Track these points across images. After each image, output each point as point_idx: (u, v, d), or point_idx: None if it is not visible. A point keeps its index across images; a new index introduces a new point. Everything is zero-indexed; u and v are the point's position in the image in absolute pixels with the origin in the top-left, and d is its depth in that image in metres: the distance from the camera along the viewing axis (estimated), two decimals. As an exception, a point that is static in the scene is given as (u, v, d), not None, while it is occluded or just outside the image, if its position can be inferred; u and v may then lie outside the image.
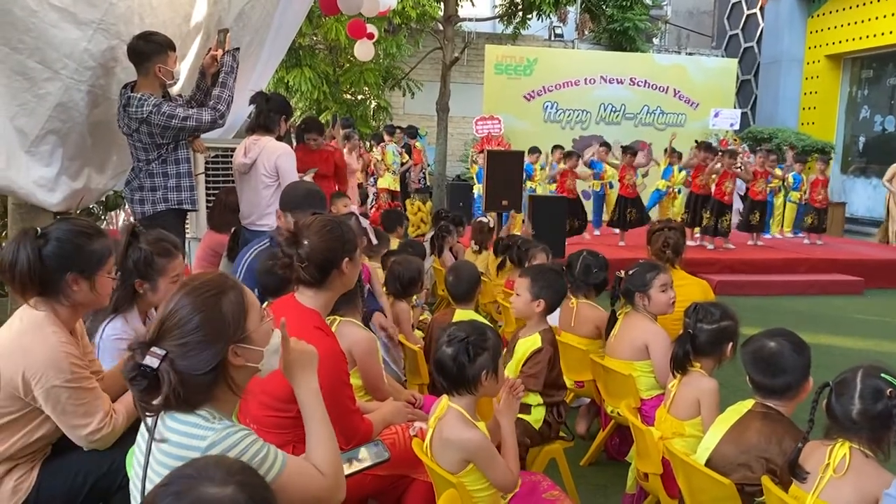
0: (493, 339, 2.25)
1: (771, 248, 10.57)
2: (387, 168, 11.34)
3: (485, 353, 2.20)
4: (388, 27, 13.10)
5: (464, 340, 2.20)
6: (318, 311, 2.28)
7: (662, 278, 3.41)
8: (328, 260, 2.26)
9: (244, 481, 1.16)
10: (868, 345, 6.48)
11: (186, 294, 1.57)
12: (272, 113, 4.55)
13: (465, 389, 2.22)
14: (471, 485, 2.18)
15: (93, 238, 2.22)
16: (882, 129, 14.84)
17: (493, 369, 2.22)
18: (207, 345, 1.52)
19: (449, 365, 2.21)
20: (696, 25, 21.10)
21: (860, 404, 1.95)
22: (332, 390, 2.19)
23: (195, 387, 1.51)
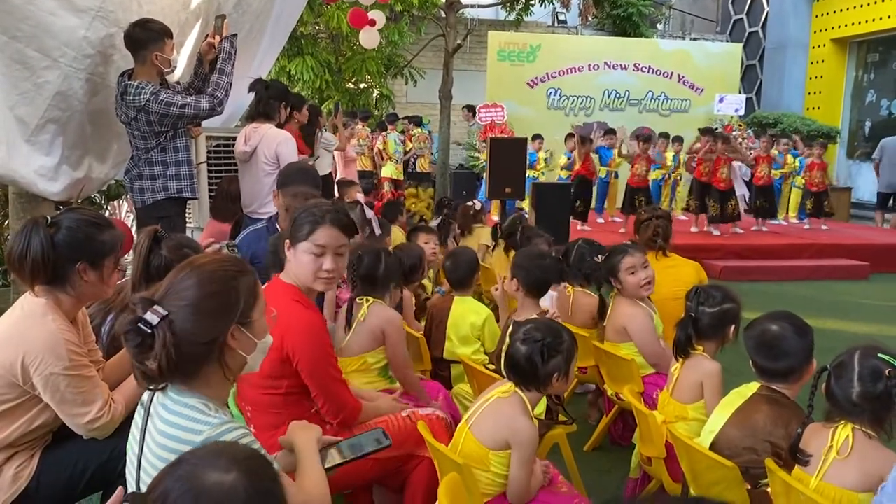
0: (567, 342, 2.27)
1: (776, 233, 10.52)
2: (389, 157, 11.31)
3: (559, 356, 2.23)
4: (391, 14, 13.03)
5: (539, 342, 2.22)
6: (296, 286, 2.33)
7: (628, 261, 3.44)
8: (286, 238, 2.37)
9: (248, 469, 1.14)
10: (874, 329, 6.45)
11: (207, 263, 1.60)
12: (272, 100, 4.53)
13: (535, 388, 2.25)
14: (493, 467, 2.19)
15: (103, 228, 2.23)
16: (889, 113, 14.73)
17: (565, 372, 2.25)
18: (214, 315, 1.53)
19: (522, 363, 2.23)
20: (700, 10, 20.94)
21: (860, 386, 1.93)
22: (314, 360, 2.26)
23: (188, 355, 1.50)
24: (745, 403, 2.30)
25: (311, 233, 2.31)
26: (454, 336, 3.50)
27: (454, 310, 3.52)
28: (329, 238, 2.32)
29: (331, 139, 7.43)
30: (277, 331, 2.14)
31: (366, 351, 2.90)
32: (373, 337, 2.90)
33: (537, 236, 4.77)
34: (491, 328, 3.53)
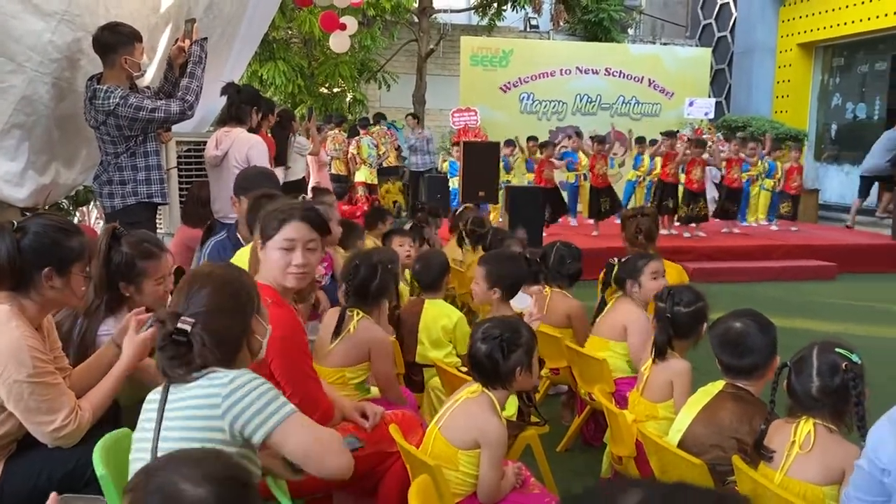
0: (526, 336, 2.30)
1: (746, 235, 10.67)
2: (363, 161, 11.29)
3: (519, 350, 2.25)
4: (363, 19, 13.04)
5: (498, 338, 2.24)
6: (272, 287, 2.33)
7: (654, 266, 3.47)
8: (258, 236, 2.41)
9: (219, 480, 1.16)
10: (840, 328, 6.56)
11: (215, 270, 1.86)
12: (244, 104, 4.51)
13: (500, 385, 2.26)
14: (463, 466, 2.20)
15: (70, 234, 2.21)
16: (854, 116, 15.01)
17: (528, 365, 2.27)
18: (239, 311, 1.79)
19: (484, 362, 2.25)
20: (670, 15, 21.19)
21: (819, 381, 1.98)
22: (288, 359, 2.26)
23: (227, 346, 1.74)
24: (712, 401, 2.34)
25: (279, 228, 2.32)
26: (426, 339, 3.50)
27: (425, 313, 3.52)
28: (298, 232, 2.33)
29: (304, 143, 7.41)
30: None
31: (347, 365, 2.88)
32: (357, 353, 2.87)
33: (509, 238, 4.80)
34: (463, 330, 3.54)
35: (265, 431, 1.64)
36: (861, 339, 6.16)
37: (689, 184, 10.04)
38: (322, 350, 2.90)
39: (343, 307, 2.97)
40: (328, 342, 2.88)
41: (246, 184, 3.50)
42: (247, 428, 1.63)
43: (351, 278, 2.99)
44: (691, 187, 10.05)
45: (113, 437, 1.99)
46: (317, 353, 2.98)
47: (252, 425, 1.63)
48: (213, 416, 1.62)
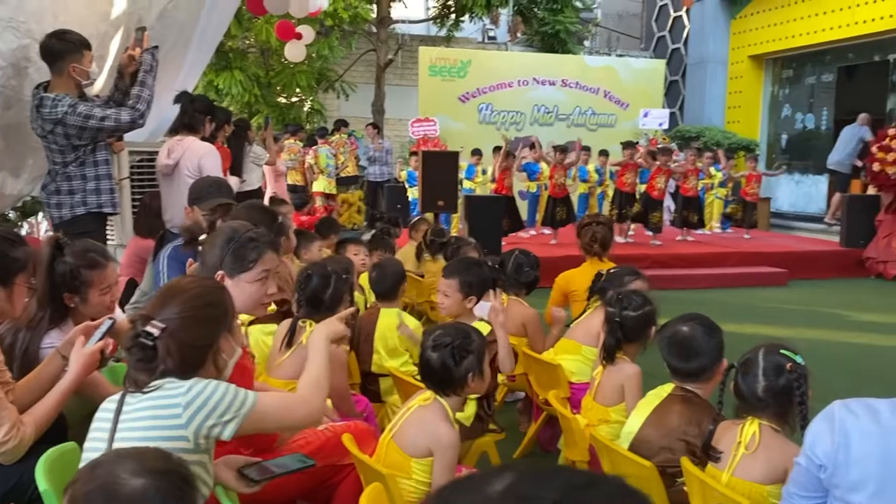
0: (477, 341, 2.30)
1: (700, 242, 10.87)
2: (321, 171, 11.22)
3: (470, 356, 2.25)
4: (321, 29, 13.01)
5: (449, 345, 2.24)
6: None
7: (639, 284, 3.49)
8: (209, 267, 2.28)
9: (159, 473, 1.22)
10: (791, 332, 6.72)
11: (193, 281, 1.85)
12: (197, 113, 4.47)
13: (453, 391, 2.26)
14: (416, 474, 2.19)
15: (14, 245, 2.16)
16: (803, 126, 15.44)
17: (479, 371, 2.27)
18: (211, 322, 1.76)
19: (436, 370, 2.25)
20: (625, 28, 21.58)
21: (764, 381, 2.03)
22: None
23: (190, 358, 1.70)
24: (661, 404, 2.38)
25: (257, 260, 2.29)
26: (382, 349, 3.48)
27: (381, 322, 3.50)
28: (272, 262, 2.34)
29: (260, 153, 7.34)
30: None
31: (298, 377, 2.83)
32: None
33: (466, 244, 4.82)
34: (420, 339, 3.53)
35: (236, 425, 1.68)
36: (810, 342, 6.32)
37: (651, 190, 10.22)
38: (273, 362, 2.87)
39: (295, 318, 2.94)
40: (278, 354, 2.86)
41: (201, 193, 3.46)
42: (215, 430, 1.67)
43: (303, 288, 2.96)
44: (652, 194, 10.23)
45: (57, 452, 1.94)
46: (268, 365, 2.95)
47: (220, 426, 1.67)
48: (176, 426, 1.63)
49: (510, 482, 0.53)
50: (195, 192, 3.46)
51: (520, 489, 0.52)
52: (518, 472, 0.54)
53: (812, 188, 15.04)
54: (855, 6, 13.10)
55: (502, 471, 0.54)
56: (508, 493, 0.52)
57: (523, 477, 0.53)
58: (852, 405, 1.50)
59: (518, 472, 0.54)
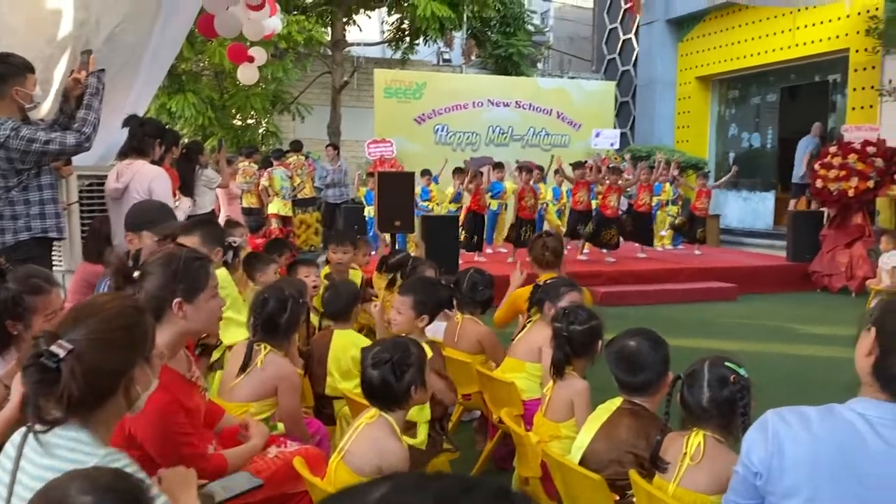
0: (416, 353, 2.32)
1: (652, 259, 11.07)
2: (275, 193, 11.14)
3: (411, 369, 2.27)
4: (275, 51, 12.99)
5: (389, 361, 2.24)
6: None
7: (573, 296, 3.53)
8: (157, 299, 2.14)
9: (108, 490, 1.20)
10: (740, 346, 6.86)
11: (112, 300, 1.64)
12: (147, 136, 4.42)
13: (397, 406, 2.27)
14: None
15: None
16: (749, 145, 15.90)
17: (421, 382, 2.29)
18: (125, 348, 1.58)
19: (378, 387, 2.26)
20: (576, 51, 22.00)
21: (708, 392, 2.08)
22: (162, 448, 2.10)
23: (97, 387, 1.51)
24: (610, 418, 2.42)
25: (210, 276, 2.26)
26: (336, 371, 3.46)
27: (335, 343, 3.48)
28: (216, 276, 2.31)
29: (212, 176, 7.28)
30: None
31: (252, 400, 2.82)
32: (264, 388, 2.82)
33: (422, 264, 4.84)
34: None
35: None
36: (759, 355, 6.47)
37: (604, 208, 10.39)
38: (227, 384, 2.84)
39: (251, 341, 2.92)
40: (233, 376, 2.83)
41: (150, 217, 3.39)
42: None
43: (259, 312, 2.94)
44: (605, 212, 10.40)
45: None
46: (221, 387, 2.92)
47: None
48: None
49: (387, 490, 0.54)
50: (144, 216, 3.38)
51: (395, 497, 0.53)
52: (396, 481, 0.55)
53: (759, 204, 15.47)
54: (796, 29, 13.59)
55: (384, 480, 0.56)
56: (383, 502, 0.53)
57: (400, 485, 0.55)
58: (785, 413, 1.55)
59: (397, 481, 0.56)
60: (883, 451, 1.42)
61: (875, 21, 10.52)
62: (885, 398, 1.45)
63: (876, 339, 1.48)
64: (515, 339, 3.68)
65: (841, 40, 12.59)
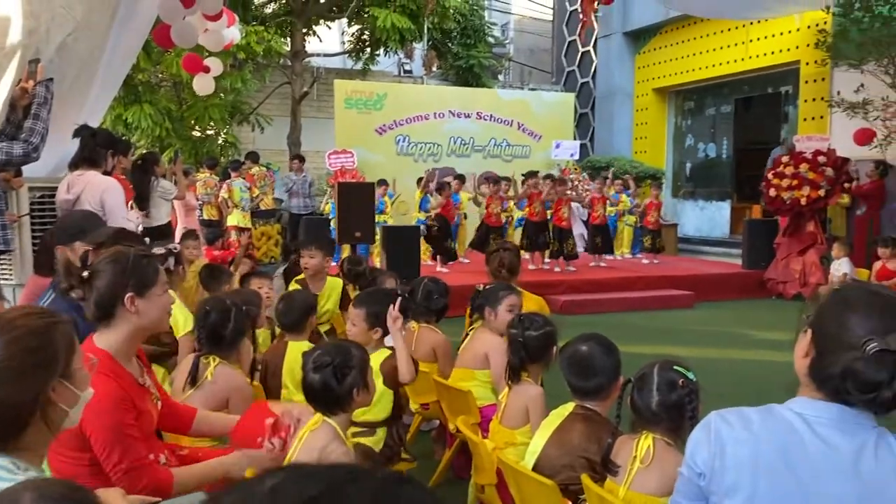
0: (357, 355, 2.31)
1: (612, 268, 11.20)
2: (234, 205, 11.00)
3: (352, 372, 2.26)
4: (233, 62, 12.88)
5: (329, 364, 2.23)
6: (106, 352, 2.12)
7: (513, 299, 3.57)
8: (109, 296, 2.11)
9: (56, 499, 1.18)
10: (697, 353, 6.98)
11: (17, 318, 1.49)
12: (99, 147, 4.35)
13: (340, 409, 2.26)
14: None
15: None
16: (705, 155, 16.22)
17: (364, 384, 2.28)
18: (33, 373, 1.45)
19: (320, 391, 2.24)
20: (536, 63, 22.25)
21: (658, 395, 2.11)
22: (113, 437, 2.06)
23: (8, 419, 1.41)
24: (562, 423, 2.44)
25: (159, 272, 2.25)
26: (290, 383, 3.42)
27: (289, 355, 3.44)
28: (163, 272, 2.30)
29: (168, 187, 7.17)
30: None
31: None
32: (216, 401, 2.79)
33: (382, 274, 4.84)
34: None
35: None
36: (715, 362, 6.58)
37: (559, 221, 10.50)
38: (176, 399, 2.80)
39: (197, 355, 2.88)
40: (180, 390, 2.79)
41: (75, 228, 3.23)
42: None
43: (202, 324, 2.91)
44: (560, 224, 10.50)
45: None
46: None
47: None
48: None
49: (280, 479, 0.54)
50: (72, 227, 3.20)
51: (284, 486, 0.54)
52: (287, 472, 0.56)
53: (716, 213, 15.78)
54: (749, 42, 13.92)
55: (277, 471, 0.56)
56: (272, 491, 0.53)
57: (291, 476, 0.55)
58: (726, 415, 1.58)
59: (288, 471, 0.56)
60: (820, 449, 1.46)
61: (823, 34, 10.82)
62: (822, 397, 1.49)
63: (812, 341, 1.52)
64: (461, 349, 3.70)
65: (792, 53, 12.94)
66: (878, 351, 1.37)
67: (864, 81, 10.03)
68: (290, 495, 0.52)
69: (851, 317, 1.45)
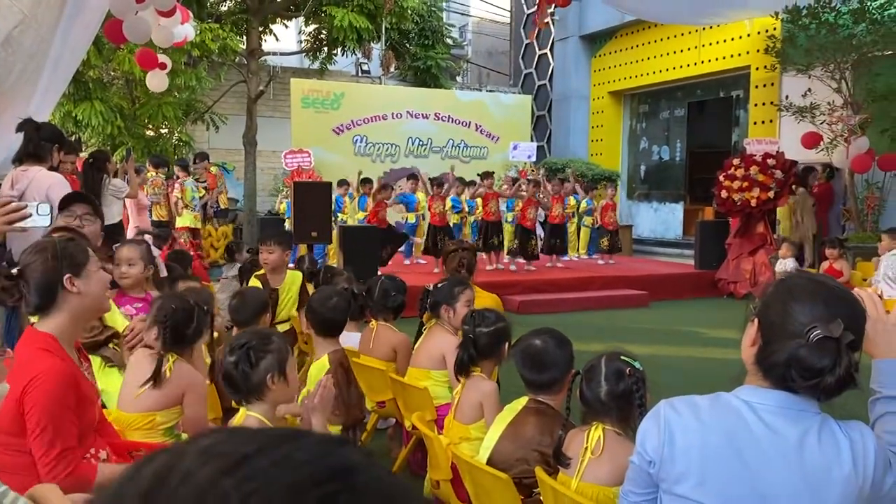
0: (277, 343, 2.26)
1: (568, 268, 11.32)
2: (185, 206, 10.72)
3: (268, 356, 2.21)
4: (188, 59, 12.66)
5: (244, 346, 2.19)
6: (51, 335, 2.09)
7: (468, 294, 3.58)
8: (46, 282, 2.10)
9: None
10: (652, 350, 7.07)
11: None
12: (44, 141, 4.22)
13: (255, 397, 2.21)
14: None
15: None
16: (659, 158, 16.50)
17: (280, 371, 2.21)
18: None
19: (233, 374, 2.20)
20: (494, 65, 22.37)
21: (606, 385, 2.14)
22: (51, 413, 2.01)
23: None
24: (516, 417, 2.45)
25: (88, 251, 2.21)
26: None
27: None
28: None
29: (120, 186, 7.01)
30: (18, 381, 1.97)
31: (158, 409, 2.73)
32: (170, 396, 2.74)
33: (338, 275, 4.81)
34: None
35: None
36: (670, 359, 6.69)
37: (524, 220, 10.60)
38: (129, 394, 2.74)
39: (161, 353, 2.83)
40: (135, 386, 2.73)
41: None
42: None
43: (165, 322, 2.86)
44: (525, 224, 10.60)
45: None
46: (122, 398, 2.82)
47: None
48: None
49: (211, 441, 0.53)
50: None
51: (217, 446, 0.53)
52: (222, 433, 0.55)
53: (669, 215, 16.06)
54: (701, 46, 14.21)
55: (211, 433, 0.55)
56: (205, 450, 0.52)
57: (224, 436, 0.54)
58: (676, 403, 1.60)
59: (222, 432, 0.55)
60: (766, 435, 1.49)
61: (773, 40, 11.09)
62: (768, 385, 1.52)
63: (758, 330, 1.55)
64: (415, 348, 3.68)
65: (743, 58, 13.24)
66: (821, 338, 1.41)
67: (811, 86, 10.32)
68: (224, 453, 0.51)
69: (795, 305, 1.49)
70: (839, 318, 1.42)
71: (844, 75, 9.94)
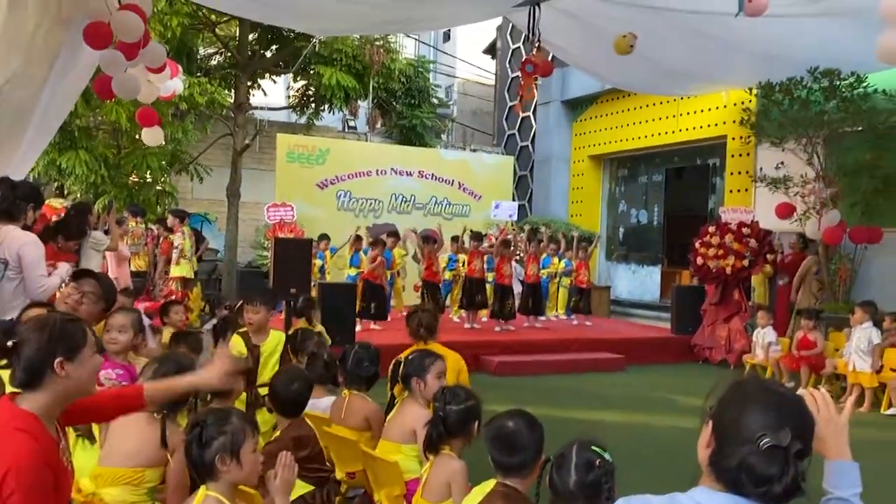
0: (234, 424, 2.23)
1: (546, 329, 11.37)
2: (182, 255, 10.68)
3: (221, 437, 2.18)
4: (175, 111, 12.79)
5: (198, 424, 2.17)
6: (33, 414, 2.06)
7: (439, 366, 3.60)
8: (37, 361, 2.07)
9: None
10: (627, 417, 7.10)
11: None
12: (19, 200, 4.24)
13: (207, 477, 2.18)
14: None
15: None
16: (637, 221, 16.76)
17: (233, 453, 2.18)
18: None
19: (190, 451, 2.19)
20: (479, 125, 22.77)
21: (576, 475, 2.16)
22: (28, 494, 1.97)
23: None
24: (483, 501, 2.46)
25: (87, 333, 2.19)
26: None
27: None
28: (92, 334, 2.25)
29: (100, 238, 7.01)
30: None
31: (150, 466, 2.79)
32: (163, 454, 2.79)
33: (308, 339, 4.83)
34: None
35: None
36: (645, 427, 6.70)
37: (501, 278, 10.71)
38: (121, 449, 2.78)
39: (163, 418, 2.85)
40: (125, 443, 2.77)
41: None
42: None
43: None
44: (503, 282, 10.71)
45: None
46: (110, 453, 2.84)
47: None
48: None
49: None
50: None
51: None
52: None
53: (647, 278, 16.23)
54: (679, 115, 14.59)
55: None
56: None
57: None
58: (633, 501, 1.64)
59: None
60: (719, 538, 1.52)
61: (748, 113, 11.42)
62: (720, 488, 1.56)
63: (712, 432, 1.60)
64: (387, 421, 3.68)
65: (719, 128, 13.60)
66: (771, 446, 1.45)
67: (784, 159, 10.60)
68: None
69: (748, 411, 1.54)
70: (788, 427, 1.47)
71: (816, 149, 10.22)
